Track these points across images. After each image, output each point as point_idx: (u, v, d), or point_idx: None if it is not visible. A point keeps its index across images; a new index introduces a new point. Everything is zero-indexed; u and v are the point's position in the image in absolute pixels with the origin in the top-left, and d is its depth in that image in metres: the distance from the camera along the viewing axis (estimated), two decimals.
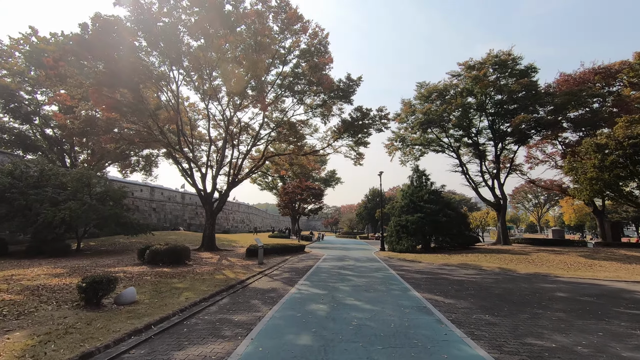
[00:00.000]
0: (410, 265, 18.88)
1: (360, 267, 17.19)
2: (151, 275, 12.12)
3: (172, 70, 20.59)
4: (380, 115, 23.28)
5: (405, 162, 37.02)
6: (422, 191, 27.91)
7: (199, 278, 12.05)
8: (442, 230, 25.44)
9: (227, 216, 67.85)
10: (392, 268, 17.10)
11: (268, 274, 14.54)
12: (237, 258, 20.26)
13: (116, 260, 17.18)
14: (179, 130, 22.14)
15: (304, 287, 11.19)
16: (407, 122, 32.43)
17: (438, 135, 33.17)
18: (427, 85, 31.23)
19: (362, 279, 12.93)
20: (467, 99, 29.04)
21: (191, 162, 23.23)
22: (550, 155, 35.49)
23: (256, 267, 16.42)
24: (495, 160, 31.02)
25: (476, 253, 23.07)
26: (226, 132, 24.03)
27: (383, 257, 23.60)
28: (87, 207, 20.58)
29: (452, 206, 26.93)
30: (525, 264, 18.24)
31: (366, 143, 25.56)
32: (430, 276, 14.16)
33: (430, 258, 21.61)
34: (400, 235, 26.53)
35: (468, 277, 13.91)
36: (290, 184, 43.01)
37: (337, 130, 23.85)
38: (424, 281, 12.64)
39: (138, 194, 45.64)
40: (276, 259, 21.10)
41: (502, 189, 30.58)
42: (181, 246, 16.39)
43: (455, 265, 18.34)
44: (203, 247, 23.87)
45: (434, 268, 17.46)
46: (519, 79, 26.66)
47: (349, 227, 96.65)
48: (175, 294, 9.17)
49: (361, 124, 23.23)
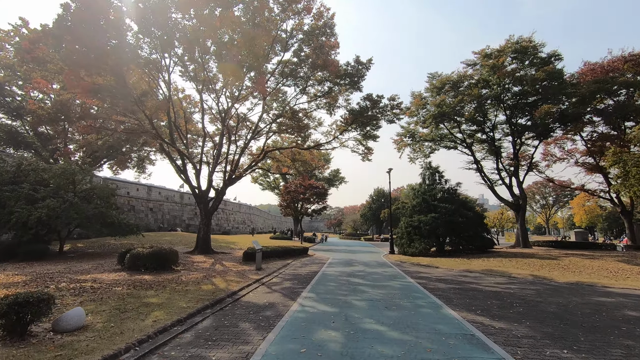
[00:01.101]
0: (427, 271, 16.72)
1: (372, 274, 15.05)
2: (124, 286, 10.04)
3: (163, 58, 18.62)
4: (392, 105, 21.10)
5: (414, 160, 34.92)
6: (436, 189, 25.74)
7: (181, 289, 9.96)
8: (458, 232, 23.25)
9: (228, 217, 65.90)
10: (408, 275, 14.96)
11: (266, 283, 12.44)
12: (233, 262, 18.19)
13: (95, 265, 15.15)
14: (170, 121, 20.11)
15: (309, 301, 9.07)
16: (418, 115, 30.28)
17: (451, 130, 30.99)
18: (440, 76, 29.07)
19: (377, 290, 10.79)
20: (482, 91, 26.83)
21: (184, 157, 21.21)
22: (569, 152, 33.25)
23: (253, 273, 14.32)
24: (513, 157, 28.79)
25: (497, 257, 20.86)
26: (223, 125, 22.00)
27: (394, 261, 21.45)
28: (67, 205, 18.62)
29: (468, 205, 24.75)
30: (559, 270, 16.03)
31: (375, 137, 23.44)
32: (457, 286, 12.00)
33: (447, 263, 19.44)
34: (412, 237, 24.34)
35: (502, 288, 11.74)
36: (292, 183, 40.91)
37: (344, 121, 21.72)
38: (453, 293, 10.49)
39: (134, 193, 43.81)
40: (276, 263, 19.01)
41: (521, 188, 28.34)
42: (167, 249, 14.32)
43: (479, 272, 16.17)
44: (197, 250, 21.84)
45: (456, 275, 15.30)
46: (541, 68, 24.44)
47: (352, 228, 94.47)
48: (142, 314, 7.08)
49: (370, 115, 21.09)
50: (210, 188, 23.11)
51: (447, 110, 26.47)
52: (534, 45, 25.38)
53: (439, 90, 28.38)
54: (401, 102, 21.20)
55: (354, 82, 20.27)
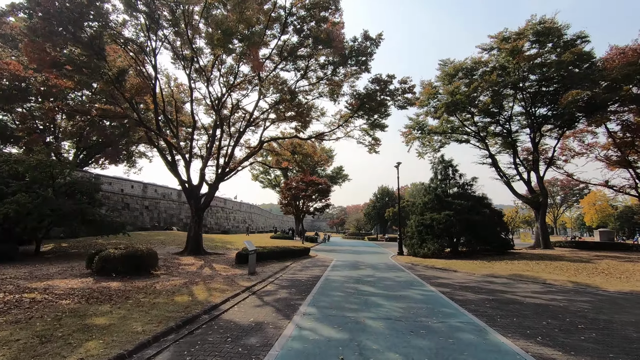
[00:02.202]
0: (446, 276, 14.56)
1: (384, 280, 12.90)
2: (76, 298, 7.97)
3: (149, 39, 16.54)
4: (404, 89, 18.88)
5: (423, 154, 32.77)
6: (449, 185, 23.54)
7: (147, 302, 7.87)
8: (475, 232, 21.03)
9: (228, 216, 63.89)
10: (426, 280, 12.81)
11: (258, 291, 10.33)
12: (225, 265, 16.11)
13: (63, 269, 13.12)
14: (156, 107, 18.04)
15: (308, 320, 6.95)
16: (428, 106, 28.09)
17: (463, 122, 28.75)
18: (452, 62, 26.86)
19: (395, 303, 8.65)
20: (500, 78, 24.58)
21: (172, 148, 19.14)
22: (590, 145, 30.94)
23: (244, 279, 12.22)
24: (532, 150, 26.53)
25: (521, 260, 18.67)
26: (217, 115, 19.89)
27: (405, 264, 19.29)
28: (40, 200, 16.63)
29: (485, 202, 22.53)
30: (601, 276, 13.81)
31: (383, 126, 21.26)
32: (489, 296, 9.84)
33: (466, 266, 17.26)
34: (423, 237, 22.16)
35: (546, 299, 9.56)
36: (293, 179, 38.73)
37: (350, 107, 19.53)
38: (490, 307, 8.33)
39: (129, 190, 41.85)
40: (274, 266, 16.91)
41: (542, 183, 26.08)
42: (144, 251, 12.24)
43: (506, 277, 14.00)
44: (187, 251, 19.76)
45: (481, 281, 13.14)
46: (567, 51, 22.15)
47: (355, 227, 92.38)
48: (71, 346, 4.98)
49: (379, 101, 18.91)
50: (202, 183, 21.05)
51: (461, 99, 24.24)
52: (557, 27, 23.11)
53: (451, 78, 26.18)
54: (413, 85, 18.98)
55: (362, 63, 18.04)
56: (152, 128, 18.23)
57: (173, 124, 21.62)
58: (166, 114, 20.87)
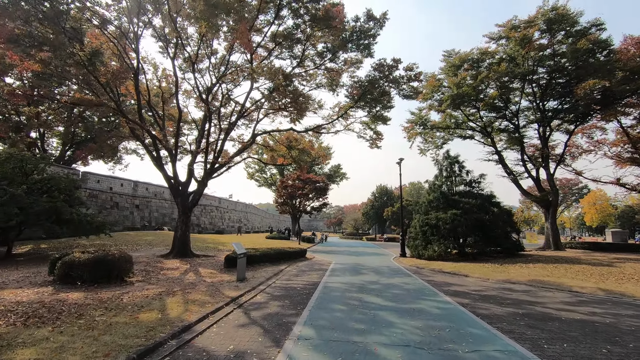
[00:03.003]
0: (458, 282, 13.07)
1: (390, 287, 11.39)
2: (12, 317, 6.37)
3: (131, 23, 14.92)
4: (409, 76, 17.35)
5: (425, 151, 31.33)
6: (455, 182, 22.08)
7: (103, 322, 6.30)
8: (485, 232, 19.58)
9: (223, 215, 62.22)
10: (438, 288, 11.31)
11: (245, 304, 8.78)
12: (212, 269, 14.56)
13: (25, 275, 11.56)
14: (138, 95, 16.43)
15: (305, 349, 5.41)
16: (432, 99, 26.61)
17: (468, 117, 27.30)
18: (457, 53, 25.40)
19: (409, 321, 7.12)
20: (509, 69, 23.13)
21: (157, 140, 17.53)
22: (599, 142, 29.64)
23: (232, 286, 10.66)
24: (542, 146, 25.13)
25: (535, 263, 17.24)
26: (206, 105, 18.28)
27: (410, 267, 17.81)
28: (7, 198, 15.01)
29: (494, 201, 21.07)
30: (632, 282, 12.37)
31: (386, 119, 19.74)
32: (518, 309, 8.35)
33: (477, 269, 15.79)
34: (428, 238, 20.68)
35: (584, 314, 8.08)
36: (289, 176, 37.10)
37: (350, 96, 17.99)
38: (526, 326, 6.83)
39: (118, 188, 40.15)
40: (267, 270, 15.36)
41: (553, 181, 24.68)
42: (115, 255, 10.63)
43: (525, 284, 12.54)
44: (173, 253, 18.15)
45: (499, 288, 11.66)
46: (582, 38, 20.73)
47: (353, 227, 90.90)
48: None
49: (382, 90, 17.38)
50: (190, 179, 19.48)
51: (468, 91, 22.76)
52: (570, 15, 21.69)
53: (456, 69, 24.72)
54: (420, 72, 17.46)
55: (364, 47, 16.46)
56: (134, 119, 16.60)
57: (159, 115, 20.02)
58: (152, 106, 19.24)
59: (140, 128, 15.94)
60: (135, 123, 16.08)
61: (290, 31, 16.17)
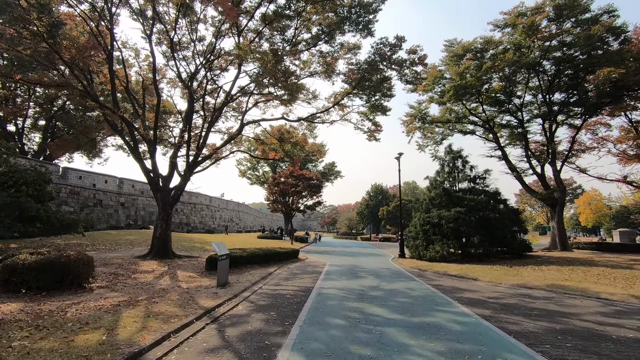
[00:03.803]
0: (468, 287, 11.62)
1: (395, 294, 9.87)
2: None
3: None
4: (412, 60, 15.86)
5: (423, 147, 30.02)
6: (458, 178, 20.69)
7: (20, 349, 4.68)
8: (491, 231, 18.19)
9: (214, 214, 60.37)
10: (449, 295, 9.84)
11: (221, 317, 7.20)
12: (193, 272, 12.94)
13: None
14: (113, 79, 14.72)
15: None
16: (433, 91, 25.21)
17: (470, 110, 25.96)
18: (460, 42, 24.04)
19: (427, 342, 5.60)
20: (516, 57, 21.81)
21: (132, 129, 15.82)
22: (603, 139, 28.56)
23: (209, 294, 9.06)
24: (548, 140, 23.88)
25: (547, 265, 15.89)
26: (188, 90, 16.62)
27: (411, 269, 16.34)
28: None
29: (500, 198, 19.71)
30: None
31: (385, 109, 18.29)
32: (553, 323, 6.89)
33: (485, 273, 14.37)
34: (429, 238, 19.25)
35: (636, 329, 6.66)
36: (282, 173, 35.45)
37: (348, 80, 16.45)
38: (573, 348, 5.35)
39: (102, 185, 38.22)
40: (254, 273, 13.79)
41: (559, 178, 23.42)
42: (70, 257, 8.94)
43: (544, 289, 11.13)
44: (152, 253, 16.47)
45: (516, 295, 10.23)
46: (591, 27, 19.47)
47: (347, 227, 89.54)
48: None
49: (383, 77, 15.89)
50: (173, 173, 17.81)
51: (471, 82, 21.38)
52: (579, 1, 20.40)
53: (459, 59, 23.34)
54: (424, 55, 16.01)
55: (364, 25, 14.91)
56: (105, 104, 14.89)
57: (139, 104, 18.32)
58: (130, 93, 17.51)
59: (112, 113, 14.24)
60: (106, 107, 14.35)
61: (282, 8, 14.58)
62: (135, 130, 15.79)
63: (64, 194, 33.44)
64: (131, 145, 16.39)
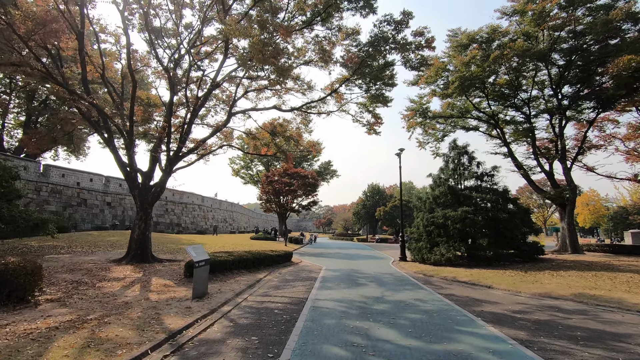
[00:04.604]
0: (485, 297, 10.12)
1: (405, 309, 8.33)
2: None
3: None
4: (418, 43, 14.35)
5: (424, 145, 28.60)
6: (464, 175, 19.25)
7: None
8: (500, 233, 16.74)
9: (206, 214, 58.53)
10: (467, 308, 8.33)
11: (187, 345, 5.60)
12: (170, 279, 11.33)
13: None
14: (82, 56, 13.07)
15: None
16: (435, 83, 23.79)
17: (475, 105, 24.57)
18: (464, 31, 22.65)
19: None
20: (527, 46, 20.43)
21: (105, 117, 14.16)
22: (610, 136, 27.33)
23: (182, 309, 7.46)
24: (557, 137, 22.55)
25: (565, 270, 14.46)
26: (167, 73, 14.96)
27: (416, 275, 14.83)
28: None
29: (510, 197, 18.29)
30: None
31: (387, 100, 16.79)
32: (612, 351, 5.40)
33: (498, 279, 12.90)
34: (434, 240, 17.77)
35: None
36: (275, 171, 33.80)
37: (346, 65, 14.93)
38: None
39: (86, 184, 36.41)
40: (241, 279, 12.20)
41: (570, 176, 22.09)
42: (9, 265, 7.30)
43: (572, 300, 9.66)
44: (128, 257, 14.80)
45: (545, 307, 8.75)
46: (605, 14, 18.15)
47: (343, 228, 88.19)
48: None
49: (384, 63, 14.39)
50: (154, 168, 16.20)
51: (478, 72, 19.97)
52: None
53: (463, 49, 21.94)
54: (432, 37, 14.49)
55: (365, 1, 13.35)
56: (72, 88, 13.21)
57: (117, 93, 16.65)
58: (107, 80, 15.83)
59: (78, 99, 12.59)
60: (74, 93, 12.69)
61: None
62: (109, 120, 14.12)
63: (45, 193, 31.65)
64: (105, 137, 14.72)
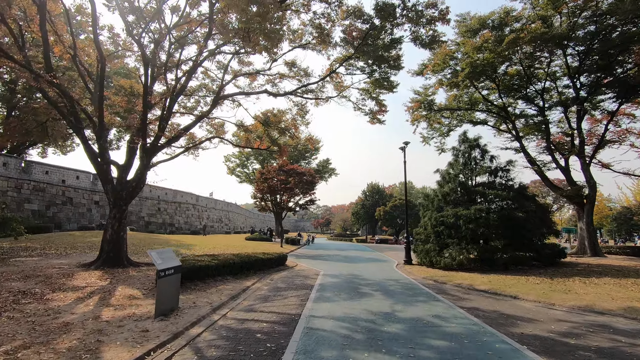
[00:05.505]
0: (515, 311, 8.37)
1: (424, 331, 6.56)
2: None
3: None
4: (430, 16, 12.54)
5: (428, 140, 26.91)
6: (475, 171, 17.52)
7: None
8: (517, 233, 15.00)
9: (201, 214, 56.72)
10: (501, 329, 6.58)
11: None
12: (139, 289, 9.56)
13: None
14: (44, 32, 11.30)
15: None
16: (442, 73, 22.09)
17: (484, 96, 22.88)
18: (474, 16, 20.95)
19: None
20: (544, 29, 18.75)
21: (71, 100, 12.35)
22: (627, 131, 25.73)
23: (135, 335, 5.66)
24: (576, 130, 20.89)
25: (597, 276, 12.75)
26: (141, 48, 13.20)
27: (427, 282, 13.08)
28: None
29: (528, 194, 16.58)
30: None
31: (392, 85, 15.06)
32: None
33: (524, 287, 11.16)
34: (444, 241, 16.02)
35: None
36: (270, 167, 31.98)
37: (348, 40, 13.19)
38: None
39: (72, 182, 34.54)
40: (224, 288, 10.43)
41: (589, 172, 20.42)
42: None
43: (624, 316, 7.93)
44: (99, 261, 12.97)
45: (594, 326, 7.02)
46: None
47: (342, 228, 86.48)
48: None
49: (390, 40, 12.67)
50: (131, 161, 14.44)
51: (490, 59, 18.27)
52: None
53: (474, 34, 20.24)
54: (447, 9, 12.68)
55: None
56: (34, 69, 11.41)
57: (88, 73, 14.84)
58: (78, 62, 14.02)
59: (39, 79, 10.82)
60: (32, 72, 10.92)
61: None
62: (75, 103, 12.31)
63: (27, 191, 29.85)
64: (72, 122, 12.90)
